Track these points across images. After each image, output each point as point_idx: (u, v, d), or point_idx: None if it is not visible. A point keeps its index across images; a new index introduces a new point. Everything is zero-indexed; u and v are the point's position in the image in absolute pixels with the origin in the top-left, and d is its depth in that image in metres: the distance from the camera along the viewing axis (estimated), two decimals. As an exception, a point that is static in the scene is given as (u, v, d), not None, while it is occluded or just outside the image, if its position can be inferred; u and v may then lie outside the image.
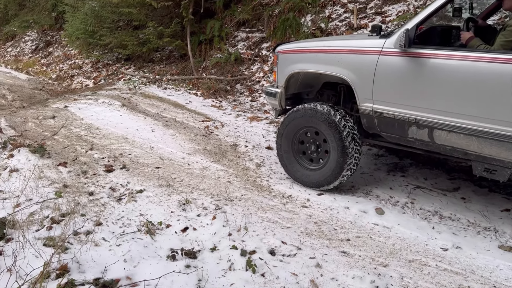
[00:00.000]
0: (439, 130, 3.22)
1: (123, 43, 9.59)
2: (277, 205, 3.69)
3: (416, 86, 3.27)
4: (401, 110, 3.38)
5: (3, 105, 8.30)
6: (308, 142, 4.00)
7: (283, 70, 4.22)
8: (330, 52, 3.84)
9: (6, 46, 17.01)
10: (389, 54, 3.37)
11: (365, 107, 3.59)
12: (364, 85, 3.54)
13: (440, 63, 3.15)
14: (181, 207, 3.58)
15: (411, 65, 3.27)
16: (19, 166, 4.17)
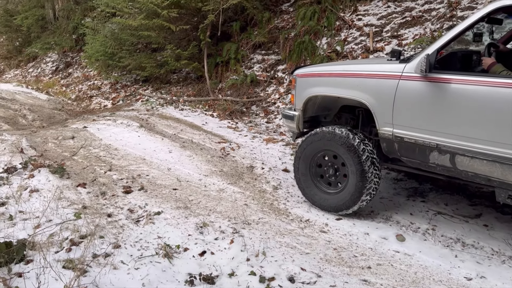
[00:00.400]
0: (461, 156, 3.17)
1: (142, 65, 9.78)
2: (295, 229, 3.65)
3: (437, 111, 3.25)
4: (422, 135, 3.35)
5: (24, 125, 8.48)
6: (326, 166, 3.97)
7: (301, 94, 4.24)
8: (349, 76, 3.86)
9: (27, 67, 17.49)
10: (409, 78, 3.36)
11: (385, 131, 3.57)
12: (384, 109, 3.54)
13: (462, 88, 3.14)
14: (199, 230, 3.57)
15: (432, 90, 3.25)
16: (39, 186, 4.22)
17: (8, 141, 5.95)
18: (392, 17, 7.93)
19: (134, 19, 9.22)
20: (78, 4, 15.36)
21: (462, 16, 6.79)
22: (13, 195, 3.94)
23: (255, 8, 9.60)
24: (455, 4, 7.17)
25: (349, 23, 8.33)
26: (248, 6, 9.33)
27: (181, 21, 8.89)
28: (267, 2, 10.08)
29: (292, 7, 9.83)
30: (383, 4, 8.36)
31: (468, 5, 7.02)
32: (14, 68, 18.14)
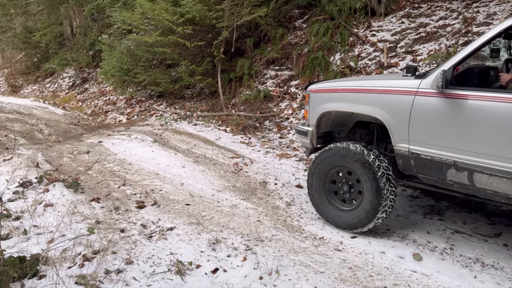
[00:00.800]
0: (480, 174, 3.10)
1: (157, 80, 9.90)
2: (309, 247, 3.59)
3: (454, 127, 3.21)
4: (439, 151, 3.30)
5: (40, 139, 8.61)
6: (341, 182, 3.92)
7: (315, 109, 4.23)
8: (363, 91, 3.84)
9: (45, 83, 17.85)
10: (425, 94, 3.33)
11: (401, 147, 3.54)
12: (400, 125, 3.51)
13: (479, 104, 3.08)
14: (211, 246, 3.54)
15: (449, 106, 3.21)
16: (53, 200, 4.25)
17: (25, 156, 6.03)
18: (406, 33, 7.91)
19: (149, 36, 9.38)
20: (95, 21, 15.71)
21: (477, 32, 6.74)
22: (28, 209, 3.97)
23: (269, 24, 9.69)
24: (470, 19, 7.13)
25: (363, 39, 8.33)
26: (261, 23, 9.42)
27: (195, 38, 9.00)
28: (280, 19, 10.18)
29: (306, 23, 9.89)
30: (397, 20, 8.36)
31: (484, 20, 6.97)
32: (32, 83, 18.53)
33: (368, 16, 8.76)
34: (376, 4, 8.67)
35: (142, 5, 9.34)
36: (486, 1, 7.47)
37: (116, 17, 10.73)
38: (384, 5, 8.60)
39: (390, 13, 8.67)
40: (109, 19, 12.02)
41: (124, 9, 10.99)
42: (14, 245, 3.31)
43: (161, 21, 8.78)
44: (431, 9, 8.16)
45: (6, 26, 20.00)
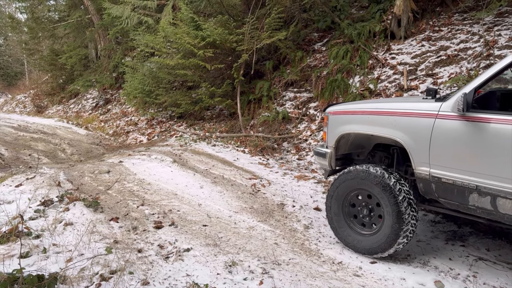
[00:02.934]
0: (503, 199, 3.01)
1: (177, 102, 10.07)
2: (327, 272, 3.52)
3: (476, 151, 3.14)
4: (461, 175, 3.23)
5: (63, 158, 8.80)
6: (360, 206, 3.85)
7: (334, 131, 4.21)
8: (383, 114, 3.80)
9: (69, 103, 18.36)
10: (446, 117, 3.30)
11: (422, 171, 3.48)
12: (420, 148, 3.46)
13: (502, 128, 3.01)
14: (228, 269, 3.50)
15: (470, 130, 3.16)
16: (73, 219, 4.31)
17: (47, 175, 6.16)
18: (427, 56, 7.87)
19: (171, 59, 9.60)
20: (119, 44, 16.19)
21: (499, 55, 6.66)
22: (48, 228, 4.03)
23: (288, 47, 9.80)
24: (492, 43, 7.06)
25: (382, 61, 8.33)
26: (281, 46, 9.55)
27: (216, 60, 9.16)
28: (299, 42, 10.29)
29: (325, 46, 9.97)
30: (417, 43, 8.34)
31: (506, 43, 6.89)
32: (56, 104, 19.09)
33: (388, 39, 8.78)
34: (395, 27, 8.69)
35: (165, 29, 9.60)
36: (508, 24, 7.40)
37: (140, 40, 11.05)
38: (404, 28, 8.62)
39: (410, 36, 8.67)
40: (133, 42, 12.39)
41: (147, 32, 11.32)
42: (33, 263, 3.34)
43: (182, 44, 8.99)
44: (451, 32, 8.13)
45: (34, 49, 20.84)
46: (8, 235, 3.74)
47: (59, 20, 19.09)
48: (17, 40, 26.73)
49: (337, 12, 10.11)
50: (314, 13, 10.54)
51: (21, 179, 5.86)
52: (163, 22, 10.17)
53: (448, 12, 8.82)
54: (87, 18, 17.31)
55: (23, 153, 9.02)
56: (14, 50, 32.06)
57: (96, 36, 17.16)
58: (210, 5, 10.25)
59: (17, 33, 24.01)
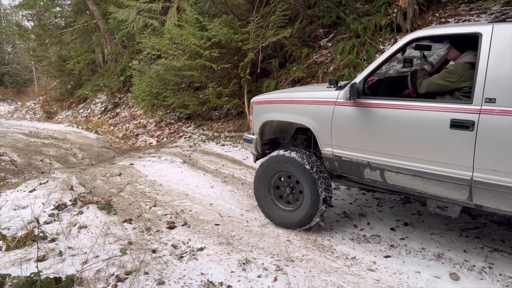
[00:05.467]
0: (389, 172, 3.54)
1: (185, 103, 10.11)
2: (341, 267, 3.52)
3: (366, 132, 3.64)
4: (356, 154, 3.75)
5: (74, 163, 8.89)
6: (283, 185, 4.32)
7: (257, 119, 4.67)
8: (295, 102, 4.27)
9: (78, 108, 18.51)
10: (342, 104, 3.78)
11: (326, 151, 3.99)
12: (324, 132, 3.95)
13: (384, 111, 3.51)
14: (241, 266, 3.52)
15: (360, 114, 3.65)
16: (87, 222, 4.36)
17: (59, 179, 6.23)
18: (435, 48, 7.80)
19: (178, 60, 9.63)
20: (125, 48, 16.28)
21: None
22: (63, 231, 4.08)
23: (294, 44, 9.79)
24: None
25: (389, 55, 8.26)
26: (287, 43, 9.53)
27: (222, 60, 9.18)
28: (305, 39, 10.26)
29: (331, 42, 9.94)
30: (424, 35, 8.27)
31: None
32: (66, 109, 19.26)
33: (394, 32, 8.72)
34: (401, 20, 8.63)
35: (170, 31, 9.63)
36: (516, 13, 7.32)
37: (146, 43, 11.10)
38: (410, 21, 8.55)
39: (416, 29, 8.60)
40: (139, 46, 12.44)
41: (153, 35, 11.37)
42: (50, 266, 3.39)
43: (188, 45, 9.01)
44: (458, 23, 8.06)
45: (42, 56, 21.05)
46: (24, 240, 3.79)
47: (66, 26, 19.25)
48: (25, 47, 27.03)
49: (342, 7, 10.07)
50: (319, 9, 10.51)
51: (34, 184, 5.94)
52: (168, 24, 10.21)
53: (454, 3, 8.74)
54: (93, 23, 17.43)
55: (35, 159, 9.12)
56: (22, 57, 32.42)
57: (102, 40, 17.28)
58: (214, 5, 10.26)
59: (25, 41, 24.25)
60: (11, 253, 3.60)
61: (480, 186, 3.02)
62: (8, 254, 3.57)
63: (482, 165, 2.99)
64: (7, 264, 3.38)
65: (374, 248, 3.88)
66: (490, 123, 2.93)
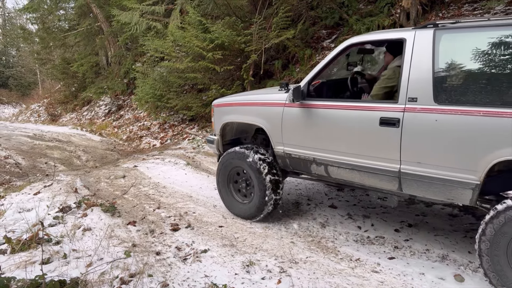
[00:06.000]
0: (331, 166, 3.87)
1: (188, 105, 10.13)
2: (345, 269, 3.51)
3: (310, 130, 3.96)
4: (303, 151, 4.07)
5: (78, 165, 8.92)
6: (240, 180, 4.65)
7: (218, 121, 4.93)
8: (249, 105, 4.59)
9: (82, 111, 18.59)
10: (290, 106, 4.08)
11: (278, 149, 4.31)
12: (276, 131, 4.25)
13: (324, 111, 3.85)
14: (245, 268, 3.52)
15: (305, 114, 3.97)
16: (91, 225, 4.37)
17: (64, 182, 6.26)
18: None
19: (181, 63, 9.66)
20: (129, 50, 16.34)
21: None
22: (67, 234, 4.10)
23: (297, 46, 9.79)
24: None
25: (392, 56, 8.25)
26: (289, 45, 9.53)
27: (225, 62, 9.20)
28: (308, 40, 10.26)
29: (334, 43, 9.93)
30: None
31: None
32: (70, 112, 19.35)
33: (398, 32, 8.70)
34: (404, 20, 8.61)
35: (173, 33, 9.66)
36: (520, 12, 7.28)
37: (149, 45, 11.13)
38: (413, 21, 8.53)
39: (419, 29, 8.57)
40: (142, 48, 12.49)
41: (156, 37, 11.40)
42: (54, 269, 3.41)
43: (191, 47, 9.04)
44: (462, 23, 8.03)
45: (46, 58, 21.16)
46: (29, 242, 3.82)
47: (69, 29, 19.35)
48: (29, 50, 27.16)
49: (344, 8, 10.06)
50: (322, 10, 10.50)
51: (39, 187, 5.97)
52: (171, 27, 10.24)
53: (457, 3, 8.71)
54: (96, 26, 17.50)
55: (39, 161, 9.17)
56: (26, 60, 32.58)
57: (106, 43, 17.34)
58: (217, 7, 10.28)
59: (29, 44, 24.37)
60: (16, 256, 3.62)
61: (407, 177, 3.32)
62: (13, 257, 3.59)
63: (408, 158, 3.29)
64: (12, 267, 3.40)
65: (378, 249, 3.87)
66: (413, 120, 3.22)
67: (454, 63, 3.13)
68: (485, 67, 2.98)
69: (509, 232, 2.80)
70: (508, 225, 2.81)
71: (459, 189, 3.07)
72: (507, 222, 2.81)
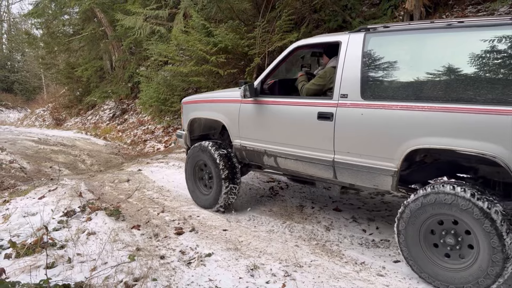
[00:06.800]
0: (279, 158, 4.25)
1: (192, 108, 10.12)
2: (350, 273, 3.49)
3: (261, 124, 4.39)
4: (256, 144, 4.48)
5: (83, 169, 8.95)
6: (204, 172, 5.04)
7: (186, 117, 5.33)
8: (212, 102, 5.04)
9: (86, 115, 18.67)
10: (245, 102, 4.49)
11: (236, 143, 4.71)
12: (234, 126, 4.67)
13: (272, 107, 4.28)
14: (249, 272, 3.51)
15: (257, 110, 4.40)
16: (96, 229, 4.38)
17: (68, 186, 6.28)
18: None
19: (185, 66, 9.68)
20: (133, 55, 16.40)
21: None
22: (71, 238, 4.10)
23: (300, 49, 9.77)
24: None
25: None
26: (293, 48, 9.52)
27: (228, 66, 9.20)
28: (311, 43, 10.24)
29: (337, 45, 9.91)
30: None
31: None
32: (74, 116, 19.44)
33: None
34: (408, 23, 8.60)
35: (177, 37, 9.69)
36: (524, 14, 7.25)
37: (153, 49, 11.18)
38: (417, 23, 8.51)
39: (423, 31, 8.55)
40: (146, 52, 12.53)
41: (160, 41, 11.45)
42: (59, 273, 3.41)
43: (195, 51, 9.06)
44: (465, 24, 8.00)
45: (50, 63, 21.27)
46: (34, 247, 3.82)
47: (74, 33, 19.45)
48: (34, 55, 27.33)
49: (348, 10, 10.05)
50: (325, 13, 10.49)
51: (43, 191, 5.99)
52: (175, 31, 10.28)
53: (461, 5, 8.69)
54: (100, 31, 17.59)
55: (44, 166, 9.21)
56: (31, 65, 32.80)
57: (110, 47, 17.42)
58: (220, 11, 10.30)
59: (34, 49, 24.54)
60: (21, 260, 3.62)
61: (340, 166, 3.70)
62: (17, 261, 3.60)
63: (340, 149, 3.67)
64: (17, 271, 3.40)
65: (383, 253, 3.84)
66: (344, 114, 3.61)
67: (378, 63, 3.49)
68: (402, 66, 3.35)
69: (422, 215, 3.10)
70: (422, 208, 3.10)
71: (381, 176, 3.42)
72: (422, 206, 3.09)
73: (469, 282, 2.93)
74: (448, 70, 3.08)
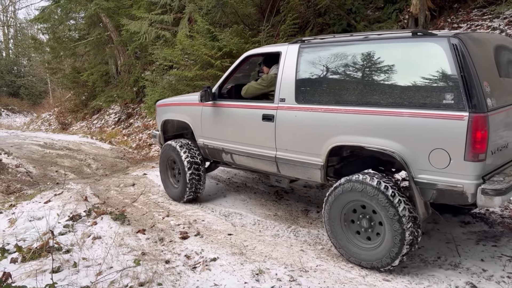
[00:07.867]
0: (235, 155, 4.80)
1: (197, 112, 10.14)
2: (356, 277, 3.47)
3: (219, 125, 4.95)
4: (216, 142, 5.03)
5: (88, 173, 8.98)
6: (174, 168, 5.60)
7: (159, 118, 5.99)
8: (180, 105, 5.63)
9: (92, 119, 18.75)
10: (206, 105, 5.04)
11: (200, 141, 5.28)
12: (198, 126, 5.25)
13: (226, 110, 4.85)
14: (255, 277, 3.50)
15: (215, 112, 4.96)
16: (101, 233, 4.38)
17: (74, 190, 6.30)
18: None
19: (189, 71, 9.71)
20: (138, 59, 16.47)
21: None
22: (77, 242, 4.11)
23: (305, 52, 9.77)
24: (514, 36, 6.87)
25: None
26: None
27: (233, 70, 9.21)
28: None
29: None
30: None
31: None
32: (80, 120, 19.52)
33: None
34: (413, 26, 8.58)
35: (182, 42, 9.73)
36: (530, 17, 7.22)
37: (158, 54, 11.22)
38: (422, 27, 8.50)
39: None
40: (151, 57, 12.58)
41: (165, 46, 11.49)
42: (65, 277, 3.41)
43: (200, 56, 9.09)
44: (471, 28, 7.99)
45: (56, 68, 21.40)
46: (40, 251, 3.84)
47: (79, 38, 19.56)
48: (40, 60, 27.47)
49: (352, 14, 10.06)
50: (329, 17, 10.50)
51: (49, 195, 6.02)
52: (180, 35, 10.32)
53: (466, 8, 8.67)
54: (106, 35, 17.68)
55: (50, 170, 9.26)
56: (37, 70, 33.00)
57: (115, 52, 17.51)
58: (225, 15, 10.35)
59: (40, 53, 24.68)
60: (27, 264, 3.64)
61: (281, 161, 4.24)
62: (23, 265, 3.61)
63: (280, 146, 4.21)
64: (23, 276, 3.42)
65: (389, 257, 3.81)
66: (282, 116, 4.14)
67: (308, 71, 4.00)
68: (326, 74, 3.86)
69: (342, 199, 3.61)
70: (343, 194, 3.60)
71: (312, 169, 3.97)
72: (343, 192, 3.59)
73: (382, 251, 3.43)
74: (360, 77, 3.60)
